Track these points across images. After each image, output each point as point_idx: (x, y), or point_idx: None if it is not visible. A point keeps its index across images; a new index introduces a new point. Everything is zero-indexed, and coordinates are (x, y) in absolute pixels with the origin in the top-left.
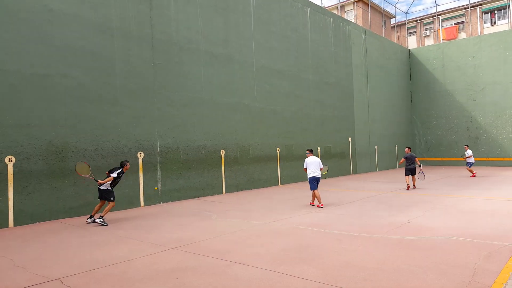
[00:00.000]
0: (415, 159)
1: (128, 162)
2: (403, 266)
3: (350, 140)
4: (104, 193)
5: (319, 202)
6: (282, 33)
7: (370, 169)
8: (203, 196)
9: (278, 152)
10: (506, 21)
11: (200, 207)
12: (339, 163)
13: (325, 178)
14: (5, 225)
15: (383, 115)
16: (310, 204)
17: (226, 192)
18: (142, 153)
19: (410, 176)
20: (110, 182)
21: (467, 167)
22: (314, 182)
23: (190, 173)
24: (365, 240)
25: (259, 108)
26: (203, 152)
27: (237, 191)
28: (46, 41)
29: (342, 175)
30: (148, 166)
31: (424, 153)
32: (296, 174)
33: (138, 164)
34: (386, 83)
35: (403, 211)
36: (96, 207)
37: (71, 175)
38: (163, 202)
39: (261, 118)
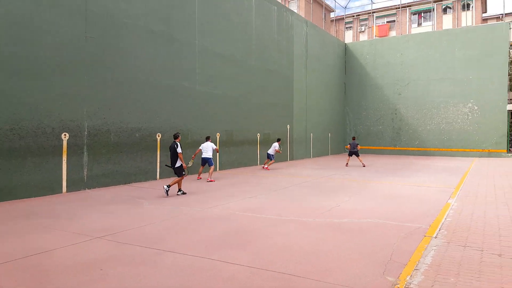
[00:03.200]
0: (356, 146)
1: (179, 133)
2: (331, 248)
3: (288, 127)
4: (177, 170)
5: (209, 176)
6: (227, 16)
7: (305, 155)
8: (135, 182)
9: (218, 137)
10: (430, 23)
11: (131, 193)
12: None
13: (262, 164)
14: None
15: (319, 104)
16: (197, 178)
17: (160, 178)
18: (67, 134)
19: (350, 157)
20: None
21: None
22: (204, 160)
23: (122, 157)
24: (298, 224)
25: (201, 92)
26: (137, 135)
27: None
28: None
29: (279, 161)
30: (74, 148)
31: None
32: (235, 160)
33: (62, 146)
34: (323, 74)
35: (333, 196)
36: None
37: None
38: (89, 188)
39: (202, 102)
